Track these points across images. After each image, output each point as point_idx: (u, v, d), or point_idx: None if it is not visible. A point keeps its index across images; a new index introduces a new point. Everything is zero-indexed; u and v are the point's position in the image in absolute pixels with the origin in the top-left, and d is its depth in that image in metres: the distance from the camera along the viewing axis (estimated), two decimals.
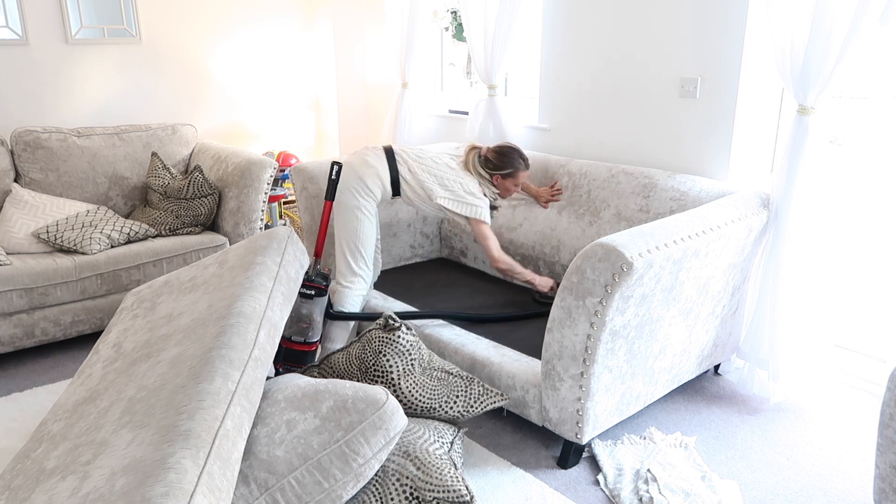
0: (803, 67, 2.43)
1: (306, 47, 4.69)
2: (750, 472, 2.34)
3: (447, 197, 2.85)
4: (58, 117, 3.84)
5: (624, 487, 2.22)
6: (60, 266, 3.09)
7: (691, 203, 2.73)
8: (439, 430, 2.21)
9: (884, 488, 1.75)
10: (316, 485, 1.80)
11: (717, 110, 2.85)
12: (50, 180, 3.52)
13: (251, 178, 3.53)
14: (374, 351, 2.33)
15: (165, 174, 3.60)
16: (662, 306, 2.31)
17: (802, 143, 2.49)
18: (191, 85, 4.25)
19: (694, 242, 2.26)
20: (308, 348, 2.63)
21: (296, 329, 2.60)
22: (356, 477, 1.85)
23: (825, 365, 2.68)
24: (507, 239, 3.38)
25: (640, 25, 3.04)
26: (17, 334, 3.04)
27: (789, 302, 2.61)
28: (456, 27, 4.24)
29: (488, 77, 3.67)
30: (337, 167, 2.72)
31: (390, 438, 1.89)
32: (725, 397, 2.80)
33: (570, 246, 3.10)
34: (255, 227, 3.60)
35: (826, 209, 2.56)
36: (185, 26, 4.15)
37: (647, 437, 2.51)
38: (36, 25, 3.67)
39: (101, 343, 2.20)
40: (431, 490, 1.90)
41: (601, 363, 2.21)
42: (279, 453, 1.83)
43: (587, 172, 3.14)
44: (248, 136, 4.53)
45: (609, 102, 3.24)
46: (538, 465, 2.38)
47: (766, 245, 2.66)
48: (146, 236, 3.42)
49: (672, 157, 3.04)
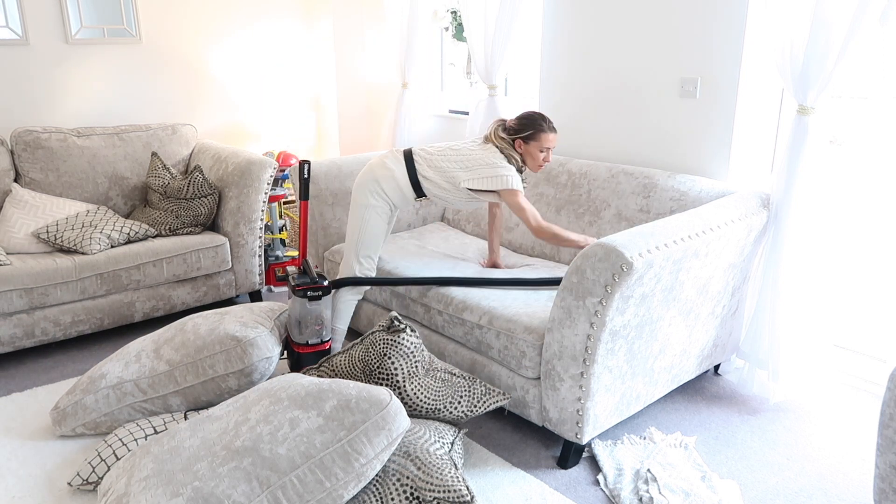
0: (803, 67, 2.43)
1: (306, 47, 4.69)
2: (750, 472, 2.34)
3: (471, 178, 2.69)
4: (58, 117, 3.84)
5: (624, 487, 2.22)
6: (60, 266, 3.09)
7: (691, 203, 2.74)
8: (440, 431, 2.21)
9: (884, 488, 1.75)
10: (317, 483, 1.80)
11: (717, 110, 2.85)
12: (50, 180, 3.52)
13: (251, 178, 3.53)
14: (378, 353, 2.33)
15: (165, 174, 3.60)
16: (662, 306, 2.31)
17: (802, 143, 2.49)
18: (191, 85, 4.25)
19: (694, 242, 2.26)
20: (325, 346, 2.64)
21: (311, 332, 2.61)
22: (358, 476, 1.85)
23: (825, 365, 2.69)
24: (506, 239, 3.38)
25: (640, 25, 3.04)
26: (17, 334, 3.04)
27: (789, 302, 2.62)
28: (456, 27, 4.25)
29: (488, 77, 3.67)
30: (307, 166, 2.68)
31: (393, 439, 1.90)
32: (725, 397, 2.81)
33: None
34: (255, 226, 3.60)
35: (826, 209, 2.56)
36: (185, 26, 4.14)
37: (647, 437, 2.51)
38: (36, 25, 3.67)
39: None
40: (432, 490, 1.90)
41: (601, 363, 2.21)
42: (282, 451, 1.83)
43: (587, 172, 3.15)
44: (248, 136, 4.53)
45: (609, 102, 3.25)
46: (538, 465, 2.38)
47: (766, 245, 2.66)
48: (146, 236, 3.42)
49: (672, 157, 3.04)
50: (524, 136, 2.71)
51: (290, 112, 4.60)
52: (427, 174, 2.75)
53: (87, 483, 2.18)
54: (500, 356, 2.47)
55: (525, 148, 2.72)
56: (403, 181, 2.77)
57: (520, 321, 2.41)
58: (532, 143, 2.71)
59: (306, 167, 2.68)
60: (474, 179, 2.69)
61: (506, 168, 2.68)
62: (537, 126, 2.70)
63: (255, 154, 3.65)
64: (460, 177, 2.71)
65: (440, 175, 2.75)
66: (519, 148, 2.73)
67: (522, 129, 2.72)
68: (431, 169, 2.76)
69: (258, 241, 3.65)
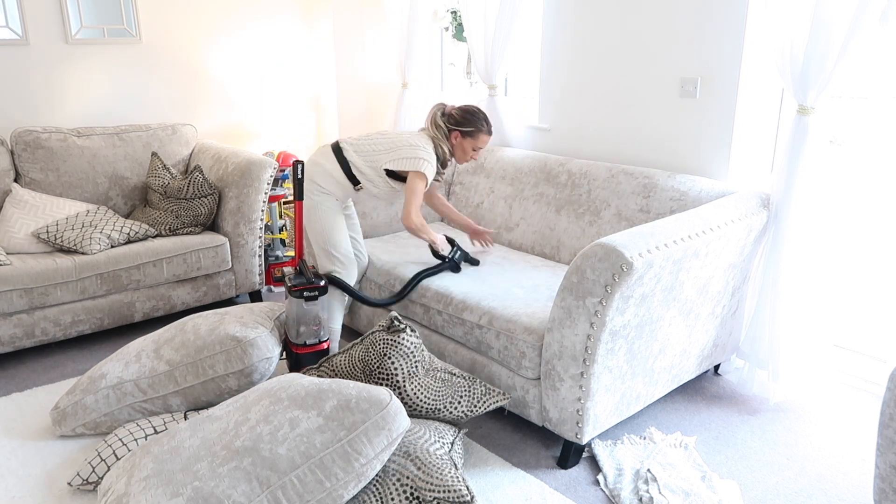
0: (803, 67, 2.43)
1: (306, 47, 4.69)
2: (750, 472, 2.34)
3: (390, 159, 2.73)
4: (58, 117, 3.84)
5: (624, 487, 2.22)
6: (60, 266, 3.09)
7: (691, 203, 2.74)
8: (440, 431, 2.21)
9: (884, 488, 1.75)
10: (317, 483, 1.80)
11: (716, 110, 2.85)
12: (50, 180, 3.52)
13: (251, 178, 3.53)
14: (378, 353, 2.33)
15: (165, 174, 3.60)
16: (662, 306, 2.31)
17: (802, 143, 2.49)
18: (191, 85, 4.25)
19: (694, 242, 2.26)
20: (323, 346, 2.63)
21: (308, 332, 2.61)
22: (358, 476, 1.85)
23: (825, 365, 2.69)
24: (505, 239, 3.38)
25: (640, 25, 3.04)
26: (17, 334, 3.04)
27: (789, 302, 2.62)
28: (456, 27, 4.25)
29: (488, 77, 3.67)
30: (301, 166, 2.69)
31: (393, 439, 1.90)
32: (725, 397, 2.81)
33: (569, 246, 3.10)
34: (255, 226, 3.60)
35: (826, 209, 2.56)
36: (185, 26, 4.14)
37: (647, 437, 2.51)
38: (36, 25, 3.67)
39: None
40: (432, 490, 1.90)
41: (601, 363, 2.21)
42: (282, 451, 1.83)
43: (587, 172, 3.15)
44: (248, 136, 4.53)
45: (609, 102, 3.25)
46: (538, 465, 2.38)
47: (766, 245, 2.66)
48: (146, 236, 3.42)
49: (672, 157, 3.04)
50: (464, 130, 2.78)
51: (290, 112, 4.60)
52: (353, 159, 2.79)
53: (87, 483, 2.18)
54: (500, 356, 2.47)
55: (460, 141, 2.80)
56: (337, 173, 2.80)
57: (520, 321, 2.41)
58: (468, 140, 2.79)
59: (300, 167, 2.68)
60: (393, 161, 2.74)
61: (427, 154, 2.73)
62: (479, 126, 2.79)
63: (255, 154, 3.65)
64: (381, 159, 2.76)
65: (364, 160, 2.79)
66: (454, 139, 2.80)
67: (464, 123, 2.79)
68: (357, 154, 2.80)
69: (258, 241, 3.65)
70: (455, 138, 2.81)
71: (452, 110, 2.84)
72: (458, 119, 2.81)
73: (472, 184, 3.63)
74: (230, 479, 1.79)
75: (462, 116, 2.81)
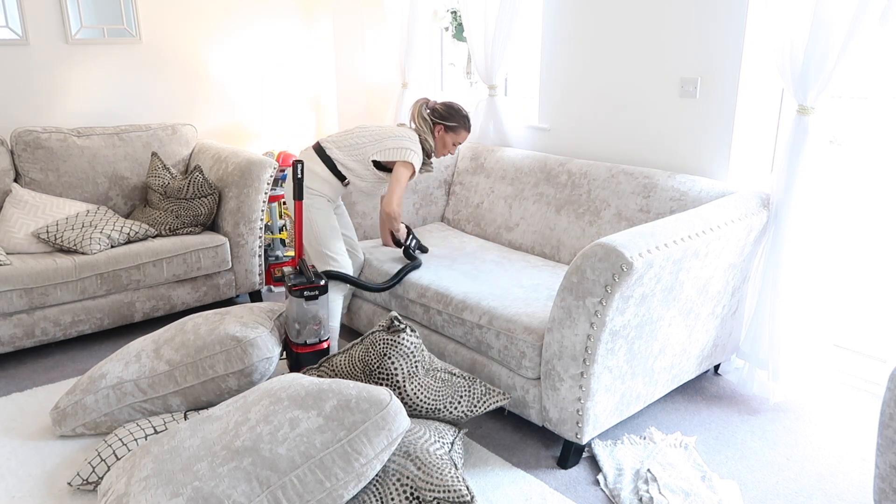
0: (803, 67, 2.43)
1: (306, 47, 4.69)
2: (750, 472, 2.34)
3: (378, 150, 2.78)
4: (58, 117, 3.84)
5: (624, 487, 2.22)
6: (60, 266, 3.09)
7: (691, 203, 2.74)
8: (440, 431, 2.21)
9: (884, 488, 1.75)
10: (317, 483, 1.80)
11: (716, 110, 2.85)
12: (50, 180, 3.52)
13: (251, 178, 3.53)
14: (378, 353, 2.33)
15: (165, 174, 3.60)
16: (662, 306, 2.31)
17: (802, 143, 2.49)
18: (191, 85, 4.25)
19: (694, 242, 2.26)
20: (323, 346, 2.63)
21: (308, 332, 2.61)
22: (358, 476, 1.85)
23: (825, 365, 2.69)
24: (505, 239, 3.38)
25: (640, 25, 3.04)
26: (17, 334, 3.04)
27: (789, 302, 2.62)
28: (456, 27, 4.25)
29: (488, 77, 3.67)
30: (301, 165, 2.69)
31: (393, 439, 1.90)
32: (725, 397, 2.81)
33: (569, 246, 3.10)
34: (255, 226, 3.60)
35: (826, 209, 2.56)
36: (185, 26, 4.14)
37: (647, 437, 2.51)
38: (36, 25, 3.67)
39: None
40: (432, 490, 1.90)
41: (601, 363, 2.21)
42: (282, 451, 1.83)
43: (587, 172, 3.15)
44: (248, 136, 4.53)
45: (609, 102, 3.25)
46: (538, 465, 2.38)
47: (766, 245, 2.66)
48: (146, 236, 3.42)
49: (672, 157, 3.04)
50: (448, 125, 2.88)
51: (290, 112, 4.60)
52: (336, 156, 2.83)
53: (87, 483, 2.18)
54: (500, 356, 2.47)
55: (442, 135, 2.89)
56: (325, 172, 2.84)
57: (520, 321, 2.41)
58: (450, 134, 2.90)
59: (300, 167, 2.68)
60: (380, 151, 2.78)
61: (414, 144, 2.79)
62: (462, 122, 2.90)
63: (255, 154, 3.65)
64: (368, 151, 2.80)
65: (348, 155, 2.82)
66: (437, 132, 2.88)
67: (449, 118, 2.89)
68: (340, 150, 2.83)
69: (258, 241, 3.65)
70: (439, 131, 2.90)
71: (436, 105, 2.93)
72: (442, 113, 2.90)
73: (472, 184, 3.64)
74: (230, 479, 1.79)
75: (447, 111, 2.90)
